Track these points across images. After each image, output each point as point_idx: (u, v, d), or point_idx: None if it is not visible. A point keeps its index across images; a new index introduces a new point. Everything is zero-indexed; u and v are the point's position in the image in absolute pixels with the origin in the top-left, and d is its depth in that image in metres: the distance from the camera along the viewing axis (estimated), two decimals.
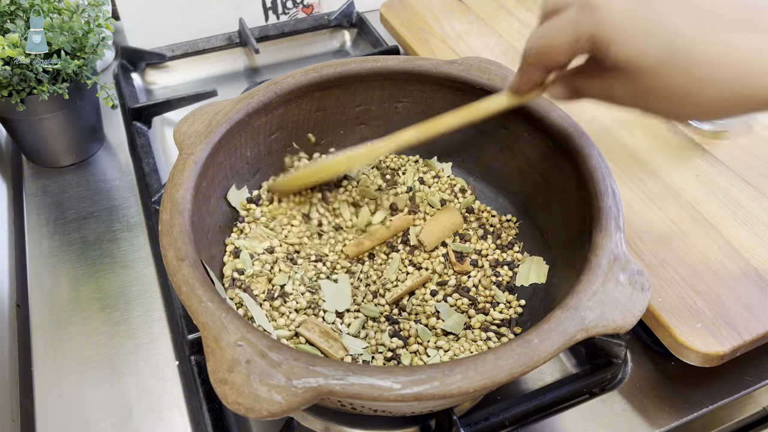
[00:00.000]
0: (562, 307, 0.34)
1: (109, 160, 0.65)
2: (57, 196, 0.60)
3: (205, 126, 0.44)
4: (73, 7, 0.55)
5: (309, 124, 0.52)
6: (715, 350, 0.42)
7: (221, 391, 0.30)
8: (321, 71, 0.48)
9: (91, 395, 0.45)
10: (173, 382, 0.46)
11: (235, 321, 0.32)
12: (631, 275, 0.36)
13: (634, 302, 0.35)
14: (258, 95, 0.46)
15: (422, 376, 0.31)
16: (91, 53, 0.56)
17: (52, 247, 0.56)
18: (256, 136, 0.48)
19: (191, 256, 0.36)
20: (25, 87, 0.54)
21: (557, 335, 0.33)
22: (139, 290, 0.52)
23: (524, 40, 0.72)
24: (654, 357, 0.47)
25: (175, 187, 0.40)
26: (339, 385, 0.30)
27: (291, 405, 0.30)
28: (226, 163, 0.46)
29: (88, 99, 0.61)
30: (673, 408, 0.44)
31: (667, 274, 0.47)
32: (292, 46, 0.81)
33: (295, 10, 0.81)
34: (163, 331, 0.49)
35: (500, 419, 0.42)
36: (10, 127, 0.60)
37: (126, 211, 0.59)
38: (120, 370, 0.47)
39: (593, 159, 0.43)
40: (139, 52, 0.74)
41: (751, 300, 0.45)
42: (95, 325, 0.50)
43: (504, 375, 0.31)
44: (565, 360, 0.48)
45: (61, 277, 0.53)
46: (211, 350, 0.32)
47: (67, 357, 0.47)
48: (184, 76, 0.77)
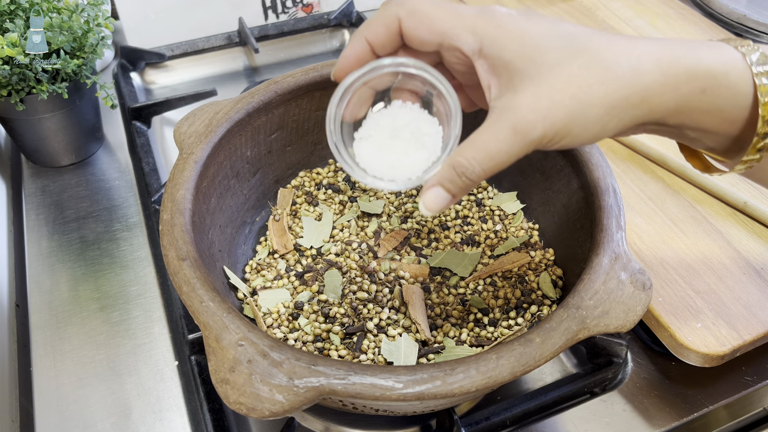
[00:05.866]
0: (564, 306, 0.34)
1: (109, 159, 0.64)
2: (56, 195, 0.60)
3: (205, 125, 0.44)
4: (73, 6, 0.55)
5: (309, 123, 0.51)
6: (716, 350, 0.42)
7: (223, 390, 0.30)
8: (321, 70, 0.48)
9: (91, 395, 0.45)
10: (173, 382, 0.46)
11: (237, 321, 0.32)
12: (632, 274, 0.36)
13: (636, 301, 0.35)
14: (258, 95, 0.46)
15: (424, 376, 0.31)
16: (90, 53, 0.56)
17: (52, 247, 0.55)
18: (257, 136, 0.48)
19: (192, 255, 0.36)
20: (25, 86, 0.54)
21: (559, 334, 0.33)
22: (139, 290, 0.52)
23: None
24: (654, 357, 0.47)
25: (175, 187, 0.40)
26: (341, 385, 0.30)
27: (293, 405, 0.30)
28: (226, 162, 0.46)
29: (88, 98, 0.60)
30: (673, 408, 0.44)
31: (668, 274, 0.47)
32: (291, 46, 0.81)
33: (295, 9, 0.81)
34: (163, 331, 0.49)
35: (501, 419, 0.42)
36: (10, 127, 0.59)
37: (125, 210, 0.59)
38: (119, 371, 0.46)
39: (594, 158, 0.43)
40: (138, 51, 0.74)
41: (752, 300, 0.45)
42: (94, 325, 0.49)
43: (505, 374, 0.31)
44: (565, 360, 0.48)
45: (60, 277, 0.53)
46: (213, 350, 0.32)
47: (67, 357, 0.47)
48: (183, 76, 0.77)
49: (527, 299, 0.45)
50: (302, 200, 0.52)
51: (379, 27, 0.32)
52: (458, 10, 0.31)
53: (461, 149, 0.31)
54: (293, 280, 0.47)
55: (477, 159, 0.30)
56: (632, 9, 0.76)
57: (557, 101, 0.29)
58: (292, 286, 0.46)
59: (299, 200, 0.53)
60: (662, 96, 0.29)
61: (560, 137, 0.29)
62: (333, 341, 0.43)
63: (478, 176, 0.31)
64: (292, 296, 0.46)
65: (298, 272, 0.47)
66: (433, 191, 0.32)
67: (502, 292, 0.46)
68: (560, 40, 0.29)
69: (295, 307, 0.45)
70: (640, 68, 0.29)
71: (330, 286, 0.46)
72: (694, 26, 0.73)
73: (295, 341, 0.43)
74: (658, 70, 0.29)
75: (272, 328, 0.44)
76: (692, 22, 0.74)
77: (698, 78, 0.29)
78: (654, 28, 0.73)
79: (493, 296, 0.46)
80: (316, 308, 0.44)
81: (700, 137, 0.32)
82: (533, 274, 0.47)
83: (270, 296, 0.45)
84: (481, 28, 0.30)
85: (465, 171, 0.30)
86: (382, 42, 0.32)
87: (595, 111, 0.29)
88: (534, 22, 0.30)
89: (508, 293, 0.46)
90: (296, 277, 0.47)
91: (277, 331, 0.43)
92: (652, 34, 0.72)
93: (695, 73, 0.29)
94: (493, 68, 0.30)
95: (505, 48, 0.30)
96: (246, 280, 0.47)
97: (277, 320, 0.44)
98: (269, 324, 0.44)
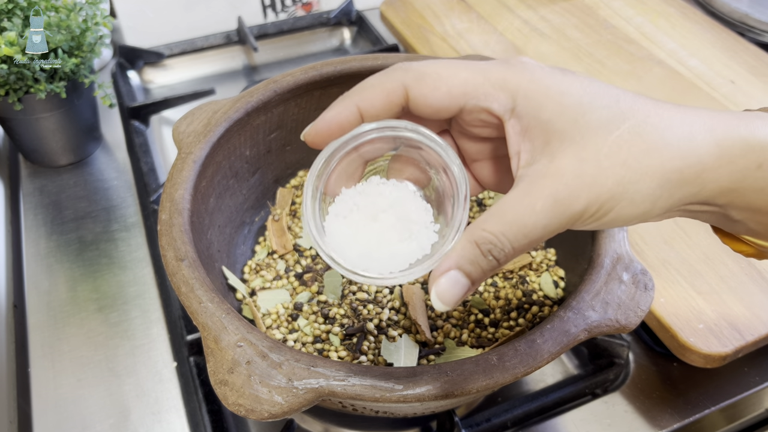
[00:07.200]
0: (566, 307, 0.34)
1: (107, 159, 0.64)
2: (54, 195, 0.60)
3: (204, 125, 0.43)
4: (71, 5, 0.55)
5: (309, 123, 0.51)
6: (718, 351, 0.42)
7: (222, 392, 0.30)
8: (321, 69, 0.48)
9: (89, 397, 0.45)
10: (171, 383, 0.46)
11: (235, 322, 0.32)
12: (634, 274, 0.36)
13: (638, 302, 0.35)
14: (257, 94, 0.46)
15: (424, 377, 0.30)
16: (88, 52, 0.56)
17: (50, 248, 0.55)
18: (256, 135, 0.48)
19: (191, 256, 0.35)
20: (22, 86, 0.54)
21: (560, 335, 0.33)
22: (137, 291, 0.52)
23: (525, 38, 0.73)
24: (656, 358, 0.47)
25: (174, 187, 0.39)
26: (340, 386, 0.30)
27: (292, 406, 0.29)
28: (225, 162, 0.45)
29: (86, 98, 0.60)
30: (675, 409, 0.44)
31: (669, 275, 0.47)
32: (291, 45, 0.80)
33: (294, 7, 0.81)
34: (161, 332, 0.49)
35: (502, 420, 0.42)
36: (7, 126, 0.59)
37: (124, 211, 0.58)
38: (118, 372, 0.46)
39: None
40: (136, 50, 0.73)
41: (754, 301, 0.45)
42: (93, 325, 0.49)
43: (507, 375, 0.31)
44: (566, 361, 0.48)
45: (58, 277, 0.53)
46: (211, 351, 0.31)
47: (65, 358, 0.47)
48: (182, 75, 0.76)
49: (528, 300, 0.45)
50: (302, 200, 0.52)
51: (377, 95, 0.27)
52: (478, 65, 0.27)
53: (483, 222, 0.25)
54: (292, 280, 0.46)
55: (508, 235, 0.25)
56: (634, 8, 0.76)
57: (606, 168, 0.24)
58: (291, 286, 0.46)
59: (299, 200, 0.52)
60: (716, 171, 0.25)
61: (604, 212, 0.25)
62: (333, 342, 0.42)
63: (507, 257, 0.25)
64: (292, 297, 0.45)
65: (297, 273, 0.47)
66: (450, 277, 0.25)
67: (503, 293, 0.46)
68: (603, 99, 0.25)
69: (294, 307, 0.44)
70: (694, 138, 0.25)
71: (330, 287, 0.45)
72: (695, 25, 0.73)
73: (295, 342, 0.42)
74: (712, 141, 0.25)
75: (271, 329, 0.43)
76: (694, 21, 0.74)
77: (754, 151, 0.25)
78: (655, 27, 0.73)
79: (494, 297, 0.46)
80: (316, 309, 0.44)
81: (745, 219, 0.27)
82: (534, 274, 0.47)
83: (269, 297, 0.45)
84: (514, 83, 0.26)
85: (492, 249, 0.25)
86: (377, 113, 0.27)
87: (647, 183, 0.25)
88: (571, 78, 0.26)
89: (509, 294, 0.46)
90: (295, 278, 0.47)
91: (277, 332, 0.43)
92: (654, 33, 0.72)
93: (751, 146, 0.25)
94: (527, 130, 0.26)
95: (542, 106, 0.25)
96: (245, 281, 0.47)
97: (277, 321, 0.44)
98: (268, 325, 0.44)
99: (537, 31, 0.73)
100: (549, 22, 0.74)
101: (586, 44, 0.71)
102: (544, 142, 0.26)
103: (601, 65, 0.68)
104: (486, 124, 0.27)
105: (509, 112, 0.26)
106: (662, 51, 0.69)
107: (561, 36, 0.72)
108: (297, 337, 0.43)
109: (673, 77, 0.66)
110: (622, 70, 0.67)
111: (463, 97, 0.26)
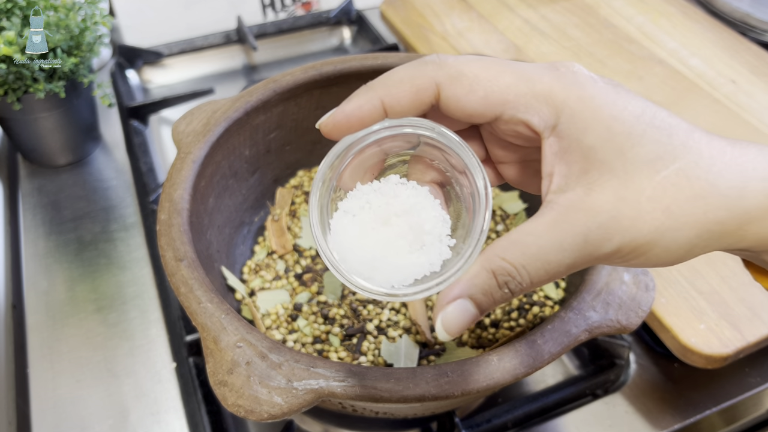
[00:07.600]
0: (566, 307, 0.34)
1: (106, 159, 0.64)
2: (53, 195, 0.60)
3: (203, 125, 0.43)
4: (70, 4, 0.54)
5: (309, 122, 0.51)
6: (719, 352, 0.42)
7: (221, 392, 0.30)
8: (321, 69, 0.48)
9: (88, 397, 0.45)
10: (171, 384, 0.46)
11: (235, 322, 0.32)
12: (635, 275, 0.36)
13: (639, 302, 0.35)
14: (257, 93, 0.46)
15: (425, 377, 0.30)
16: (87, 51, 0.56)
17: (48, 248, 0.55)
18: (255, 135, 0.48)
19: (190, 256, 0.35)
20: (21, 85, 0.54)
21: (561, 336, 0.33)
22: (136, 291, 0.52)
23: (526, 37, 0.73)
24: (657, 359, 0.47)
25: (173, 187, 0.39)
26: (340, 387, 0.30)
27: (292, 407, 0.29)
28: (224, 162, 0.45)
29: (85, 97, 0.60)
30: (676, 410, 0.44)
31: (670, 275, 0.46)
32: (290, 44, 0.80)
33: (294, 6, 0.81)
34: (160, 332, 0.49)
35: (502, 421, 0.42)
36: (6, 126, 0.59)
37: (123, 211, 0.58)
38: (117, 372, 0.46)
39: None
40: (135, 50, 0.73)
41: (755, 301, 0.44)
42: (91, 326, 0.49)
43: (507, 376, 0.31)
44: (567, 361, 0.47)
45: (57, 277, 0.52)
46: (211, 351, 0.31)
47: (63, 358, 0.47)
48: (181, 74, 0.76)
49: (529, 300, 0.45)
50: (301, 200, 0.52)
51: (405, 92, 0.25)
52: (525, 71, 0.24)
53: (503, 251, 0.23)
54: (292, 280, 0.46)
55: (529, 269, 0.23)
56: (635, 7, 0.76)
57: (646, 212, 0.22)
58: (291, 287, 0.46)
59: (298, 200, 0.52)
60: (760, 223, 0.23)
61: (634, 256, 0.23)
62: (332, 343, 0.42)
63: (523, 291, 0.24)
64: (291, 297, 0.45)
65: (297, 273, 0.47)
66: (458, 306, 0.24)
67: None
68: (657, 132, 0.23)
69: (294, 308, 0.44)
70: (746, 188, 0.22)
71: (329, 287, 0.45)
72: (697, 24, 0.73)
73: (294, 343, 0.42)
74: (763, 191, 0.23)
75: (271, 330, 0.43)
76: (695, 20, 0.74)
77: None
78: (656, 26, 0.73)
79: None
80: (316, 309, 0.44)
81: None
82: None
83: (268, 297, 0.45)
84: (561, 98, 0.23)
85: (510, 282, 0.23)
86: (404, 110, 0.25)
87: (686, 232, 0.23)
88: (624, 99, 0.23)
89: None
90: (295, 278, 0.46)
91: (276, 332, 0.43)
92: (655, 33, 0.72)
93: None
94: (566, 152, 0.23)
95: (588, 130, 0.23)
96: (244, 281, 0.47)
97: (276, 321, 0.44)
98: (268, 325, 0.43)
99: (537, 31, 0.73)
100: (549, 22, 0.74)
101: (587, 44, 0.71)
102: (582, 169, 0.23)
103: (602, 65, 0.68)
104: (520, 135, 0.25)
105: (550, 129, 0.24)
106: (663, 50, 0.69)
107: (562, 35, 0.72)
108: (296, 338, 0.42)
109: (674, 77, 0.66)
110: (622, 69, 0.67)
111: (501, 105, 0.24)
